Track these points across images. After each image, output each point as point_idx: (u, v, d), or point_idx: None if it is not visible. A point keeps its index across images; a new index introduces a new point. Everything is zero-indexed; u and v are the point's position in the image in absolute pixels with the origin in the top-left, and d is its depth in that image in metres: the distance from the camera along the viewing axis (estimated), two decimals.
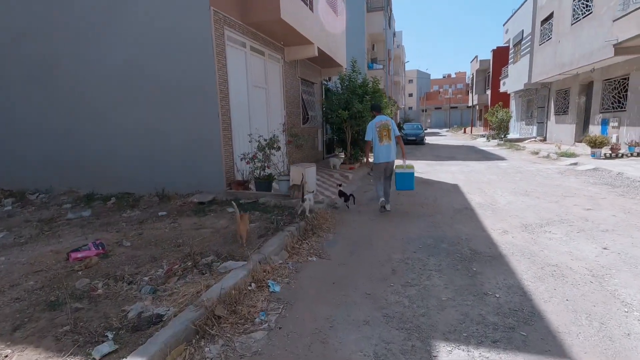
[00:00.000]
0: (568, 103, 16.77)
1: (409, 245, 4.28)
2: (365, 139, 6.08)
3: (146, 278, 3.17)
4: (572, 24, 14.43)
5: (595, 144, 11.47)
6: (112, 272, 3.33)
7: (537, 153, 14.30)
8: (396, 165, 6.02)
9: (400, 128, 31.50)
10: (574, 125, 16.07)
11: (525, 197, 6.70)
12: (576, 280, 3.25)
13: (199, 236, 4.32)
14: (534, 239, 4.43)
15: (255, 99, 7.55)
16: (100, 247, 3.78)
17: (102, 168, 6.94)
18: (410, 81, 73.70)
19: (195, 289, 2.85)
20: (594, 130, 13.96)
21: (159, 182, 6.56)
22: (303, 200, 5.06)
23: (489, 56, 33.44)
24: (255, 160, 5.99)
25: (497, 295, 3.00)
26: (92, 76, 6.66)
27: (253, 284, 3.11)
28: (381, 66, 23.20)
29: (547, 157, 13.04)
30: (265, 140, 6.21)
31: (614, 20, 11.00)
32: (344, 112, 9.12)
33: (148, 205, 6.11)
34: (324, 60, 11.24)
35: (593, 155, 11.56)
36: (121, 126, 6.66)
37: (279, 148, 6.14)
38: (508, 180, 8.45)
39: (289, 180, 5.95)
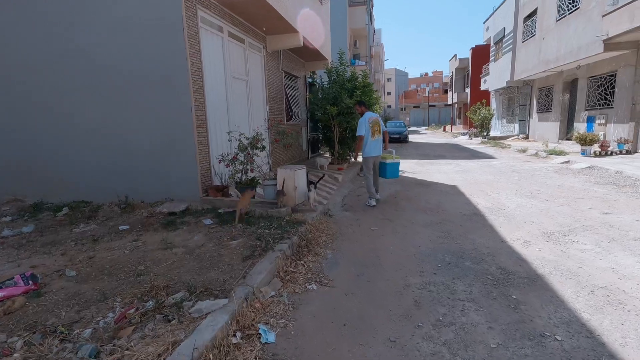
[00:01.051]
0: (551, 101, 16.72)
1: (425, 264, 3.58)
2: (358, 134, 6.11)
3: (89, 330, 2.29)
4: (557, 20, 14.28)
5: (585, 141, 11.26)
6: (41, 320, 2.43)
7: (524, 151, 14.08)
8: (382, 156, 6.39)
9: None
10: (558, 123, 16.02)
11: (532, 199, 6.17)
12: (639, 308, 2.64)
13: (167, 259, 3.45)
14: (563, 251, 3.83)
15: (235, 92, 6.67)
16: (31, 281, 2.85)
17: (53, 172, 5.88)
18: (389, 79, 73.96)
19: (157, 349, 2.01)
20: (580, 127, 13.86)
21: (123, 189, 5.58)
22: (309, 190, 5.12)
23: (468, 55, 33.62)
24: (236, 163, 5.13)
25: (559, 338, 2.32)
26: (37, 64, 5.59)
27: (238, 333, 2.30)
28: (364, 62, 22.62)
29: (536, 155, 12.80)
30: (247, 139, 5.36)
31: (603, 15, 10.78)
32: (333, 108, 8.37)
33: (108, 216, 5.13)
34: (308, 53, 10.44)
35: (583, 153, 11.36)
36: (76, 123, 5.62)
37: (263, 148, 5.31)
38: (508, 181, 7.96)
39: (275, 185, 5.14)
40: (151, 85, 5.22)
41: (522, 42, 18.04)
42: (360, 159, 7.10)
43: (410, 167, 10.69)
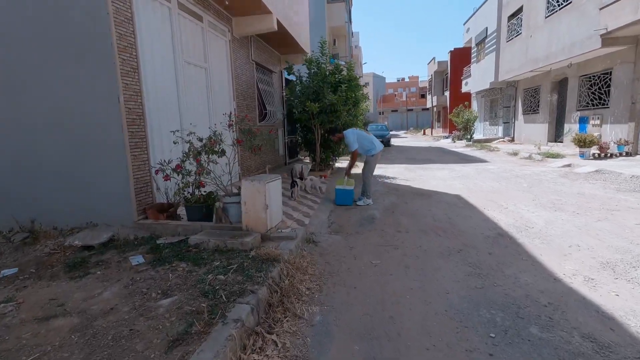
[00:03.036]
0: (538, 101, 16.12)
1: (469, 332, 2.28)
2: (351, 149, 5.79)
3: None
4: (546, 17, 13.63)
5: (584, 143, 10.46)
6: None
7: (516, 154, 13.26)
8: (337, 181, 6.07)
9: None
10: (546, 124, 15.39)
11: (559, 212, 5.06)
12: None
13: (35, 345, 1.98)
14: None
15: (191, 82, 5.24)
16: None
17: None
18: (367, 84, 73.74)
19: None
20: (572, 128, 13.20)
21: (26, 210, 4.02)
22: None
23: (447, 57, 33.33)
24: (183, 173, 3.69)
25: None
26: None
27: None
28: (344, 62, 21.46)
29: (529, 158, 11.96)
30: (200, 140, 3.94)
31: (601, 8, 10.06)
32: (313, 105, 7.05)
33: None
34: (285, 43, 9.11)
35: (582, 155, 10.56)
36: None
37: (223, 152, 3.89)
38: (517, 188, 6.87)
39: (239, 202, 3.73)
40: (57, 61, 3.71)
41: (507, 41, 17.44)
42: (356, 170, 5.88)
43: (400, 173, 9.51)
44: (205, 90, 5.67)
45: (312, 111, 7.21)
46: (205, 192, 3.98)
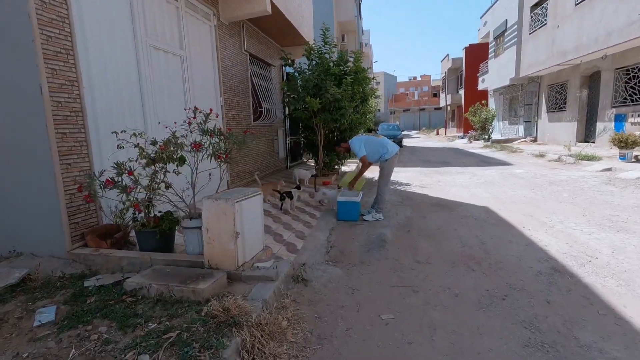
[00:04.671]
0: (565, 98, 14.77)
1: None
2: (359, 155, 4.78)
3: None
4: (576, 4, 12.32)
5: (626, 143, 9.19)
6: None
7: (543, 156, 12.00)
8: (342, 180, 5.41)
9: (371, 130, 29.03)
10: (574, 123, 14.05)
11: (623, 233, 3.94)
12: None
13: None
14: None
15: (159, 71, 4.29)
16: None
17: None
18: (378, 83, 72.51)
19: None
20: (606, 127, 11.88)
21: None
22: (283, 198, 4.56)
23: (461, 54, 31.92)
24: (121, 188, 2.71)
25: None
26: None
27: None
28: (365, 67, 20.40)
29: (559, 160, 10.71)
30: (157, 143, 2.97)
31: None
32: (314, 101, 6.05)
33: None
34: (284, 34, 8.14)
35: (622, 157, 9.31)
36: None
37: (182, 161, 2.91)
38: (557, 199, 5.73)
39: (200, 227, 2.75)
40: None
41: (530, 33, 16.10)
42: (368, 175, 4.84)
43: (414, 178, 8.42)
44: (181, 83, 4.72)
45: (312, 108, 6.20)
46: (157, 213, 3.01)
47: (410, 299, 2.69)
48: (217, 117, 3.03)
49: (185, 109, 2.99)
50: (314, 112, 6.70)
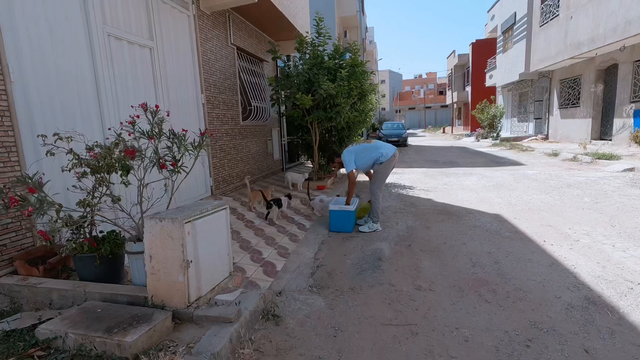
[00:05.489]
0: (579, 93, 13.99)
1: None
2: (348, 170, 4.29)
3: None
4: None
5: None
6: None
7: (556, 155, 11.28)
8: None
9: (375, 129, 28.24)
10: (589, 119, 13.28)
11: None
12: None
13: None
14: None
15: (122, 64, 3.75)
16: None
17: None
18: (383, 81, 71.77)
19: None
20: (625, 124, 11.13)
21: None
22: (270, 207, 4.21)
23: (467, 50, 31.09)
24: (41, 206, 2.17)
25: None
26: None
27: None
28: (362, 59, 19.75)
29: (575, 160, 10.00)
30: (100, 147, 2.42)
31: None
32: (306, 98, 5.48)
33: None
34: (278, 27, 7.58)
35: None
36: None
37: (126, 169, 2.36)
38: (578, 205, 5.09)
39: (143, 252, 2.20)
40: None
41: (540, 26, 15.33)
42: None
43: (418, 181, 7.81)
44: (150, 78, 4.18)
45: (304, 106, 5.62)
46: (101, 233, 2.47)
47: (407, 344, 2.11)
48: (168, 115, 2.46)
49: (131, 107, 2.46)
50: (307, 110, 6.13)
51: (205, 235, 2.29)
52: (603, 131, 13.00)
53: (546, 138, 16.64)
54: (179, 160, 2.41)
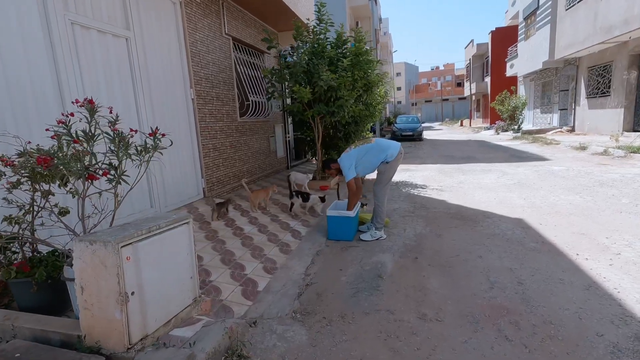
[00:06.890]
0: (610, 81, 12.94)
1: None
2: (348, 178, 3.74)
3: None
4: None
5: None
6: None
7: (584, 148, 10.41)
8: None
9: (390, 123, 27.42)
10: (621, 109, 12.25)
11: None
12: None
13: None
14: None
15: (91, 56, 3.37)
16: None
17: None
18: (398, 74, 70.31)
19: None
20: None
21: None
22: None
23: (487, 39, 29.77)
24: None
25: None
26: None
27: None
28: (367, 47, 19.05)
29: (606, 153, 9.16)
30: (23, 153, 2.02)
31: None
32: (305, 90, 5.00)
33: None
34: (278, 15, 7.11)
35: None
36: None
37: (64, 179, 1.96)
38: (615, 207, 4.44)
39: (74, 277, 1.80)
40: None
41: (567, 9, 14.25)
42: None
43: (432, 179, 7.23)
44: (127, 72, 3.79)
45: (303, 99, 5.14)
46: (40, 254, 2.08)
47: None
48: (111, 112, 2.05)
49: (72, 102, 2.07)
50: (308, 104, 5.65)
51: (154, 259, 1.87)
52: (637, 122, 11.97)
53: (572, 130, 15.59)
54: (118, 167, 1.98)
